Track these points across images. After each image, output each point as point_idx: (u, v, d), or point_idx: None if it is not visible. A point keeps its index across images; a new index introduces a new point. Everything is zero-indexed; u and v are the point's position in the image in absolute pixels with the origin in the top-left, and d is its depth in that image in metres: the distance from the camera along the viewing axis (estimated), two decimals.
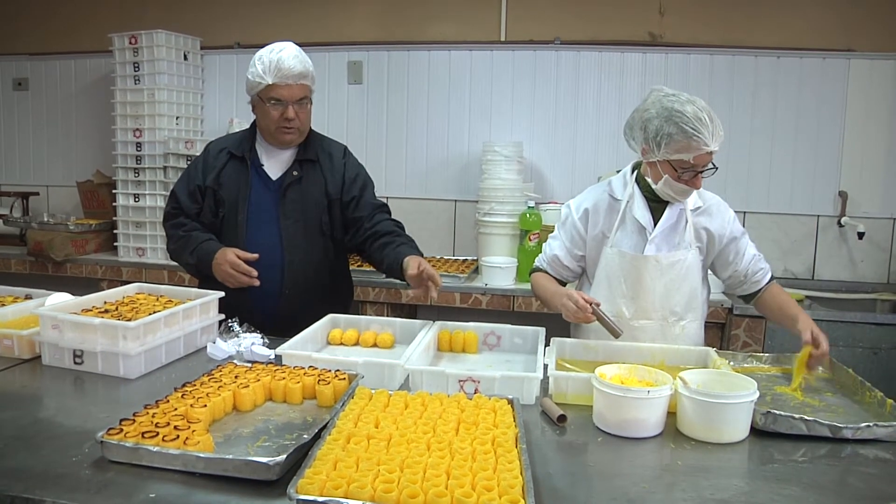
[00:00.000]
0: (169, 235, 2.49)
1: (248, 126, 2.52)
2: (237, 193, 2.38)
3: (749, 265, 2.15)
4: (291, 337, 1.97)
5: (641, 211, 2.13)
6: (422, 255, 2.31)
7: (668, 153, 1.97)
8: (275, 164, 2.42)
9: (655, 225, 2.12)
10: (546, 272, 2.28)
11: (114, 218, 3.84)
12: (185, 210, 2.43)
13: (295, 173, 2.38)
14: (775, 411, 1.52)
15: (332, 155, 2.47)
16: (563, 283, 2.28)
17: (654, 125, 1.97)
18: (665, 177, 2.01)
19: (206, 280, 2.40)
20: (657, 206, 2.13)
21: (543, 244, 2.35)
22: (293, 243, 2.36)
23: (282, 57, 2.25)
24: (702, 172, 2.00)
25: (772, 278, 2.19)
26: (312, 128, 2.50)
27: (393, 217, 2.51)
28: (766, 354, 2.03)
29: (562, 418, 1.57)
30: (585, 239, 2.20)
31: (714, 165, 2.01)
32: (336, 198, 2.43)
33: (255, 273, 2.27)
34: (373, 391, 1.58)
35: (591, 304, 1.91)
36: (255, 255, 2.29)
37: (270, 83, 2.25)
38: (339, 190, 2.43)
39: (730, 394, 1.51)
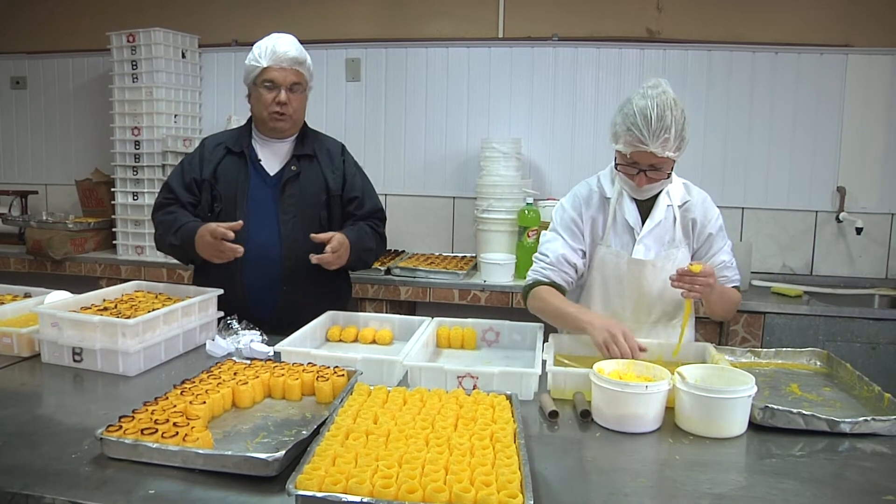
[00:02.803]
0: (156, 223, 2.43)
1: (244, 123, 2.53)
2: (235, 189, 2.37)
3: (714, 269, 2.05)
4: (290, 333, 1.97)
5: (630, 210, 2.11)
6: (365, 262, 2.46)
7: (613, 142, 1.99)
8: (272, 159, 2.43)
9: (643, 223, 2.10)
10: (549, 284, 2.09)
11: (112, 216, 3.83)
12: (180, 200, 2.40)
13: (293, 168, 2.39)
14: (773, 406, 1.52)
15: (330, 151, 2.49)
16: (563, 292, 2.11)
17: (615, 112, 1.99)
18: (616, 166, 2.04)
19: (197, 271, 2.41)
20: (644, 203, 2.12)
21: (534, 255, 2.20)
22: (292, 238, 2.35)
23: (277, 42, 2.34)
24: (646, 172, 1.96)
25: (734, 288, 2.12)
26: (310, 125, 2.52)
27: (382, 219, 2.56)
28: (765, 350, 2.03)
29: (553, 414, 1.57)
30: (584, 231, 2.14)
31: (669, 173, 1.99)
32: (337, 194, 2.44)
33: (240, 249, 2.18)
34: (371, 387, 1.59)
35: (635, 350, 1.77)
36: (239, 223, 2.20)
37: (265, 66, 2.32)
38: (339, 186, 2.45)
39: (728, 389, 1.52)
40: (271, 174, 2.41)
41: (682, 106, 1.94)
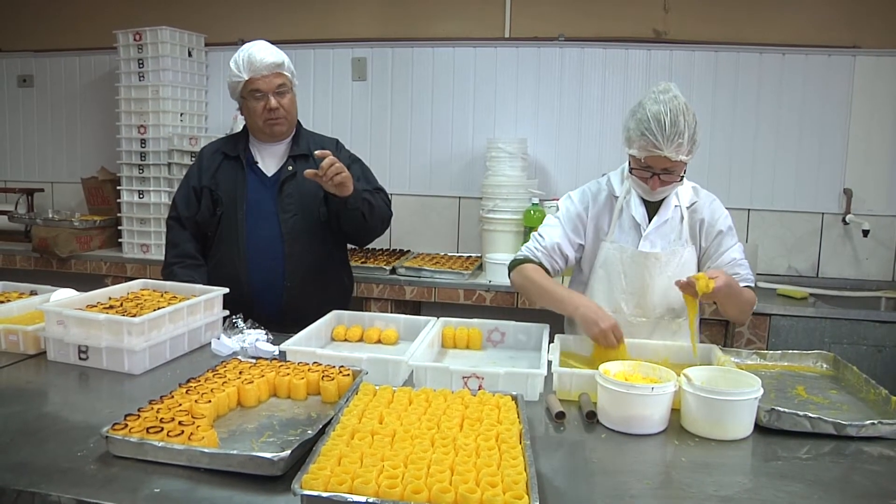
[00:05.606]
0: (165, 252, 2.56)
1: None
2: (234, 191, 2.44)
3: (725, 266, 2.06)
4: (295, 331, 1.98)
5: (637, 207, 2.13)
6: (369, 203, 2.37)
7: (627, 147, 2.01)
8: (269, 161, 2.49)
9: (650, 221, 2.12)
10: (537, 263, 2.15)
11: (118, 214, 3.85)
12: (181, 216, 2.50)
13: (290, 168, 2.44)
14: (779, 408, 1.52)
15: (325, 148, 2.51)
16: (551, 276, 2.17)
17: (627, 117, 2.01)
18: (630, 170, 2.07)
19: None
20: (652, 202, 2.13)
21: (532, 234, 2.24)
22: (293, 235, 2.40)
23: (252, 51, 2.35)
24: (659, 175, 1.98)
25: (748, 287, 2.08)
26: (316, 124, 2.55)
27: (385, 196, 2.56)
28: (771, 352, 2.02)
29: (559, 415, 1.57)
30: (587, 227, 2.17)
31: (681, 175, 2.00)
32: None
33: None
34: (377, 387, 1.58)
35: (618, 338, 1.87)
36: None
37: (247, 78, 2.34)
38: None
39: (734, 391, 1.51)
40: (269, 175, 2.46)
41: (693, 110, 1.96)
